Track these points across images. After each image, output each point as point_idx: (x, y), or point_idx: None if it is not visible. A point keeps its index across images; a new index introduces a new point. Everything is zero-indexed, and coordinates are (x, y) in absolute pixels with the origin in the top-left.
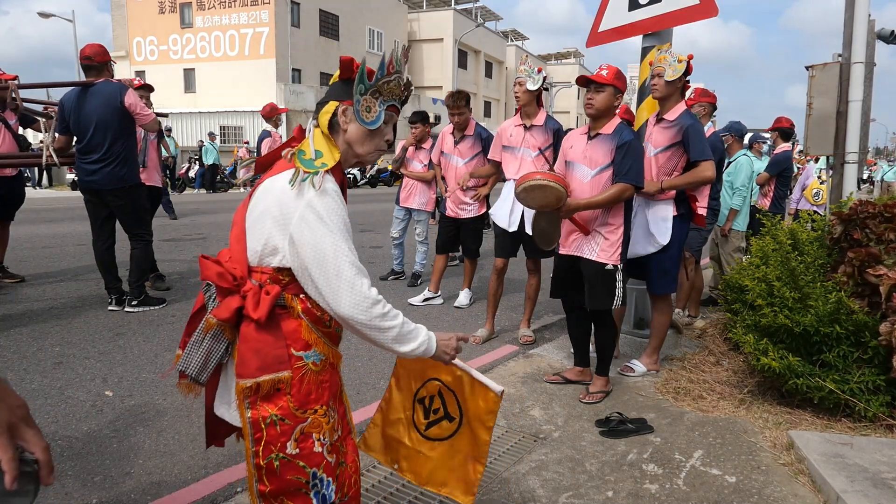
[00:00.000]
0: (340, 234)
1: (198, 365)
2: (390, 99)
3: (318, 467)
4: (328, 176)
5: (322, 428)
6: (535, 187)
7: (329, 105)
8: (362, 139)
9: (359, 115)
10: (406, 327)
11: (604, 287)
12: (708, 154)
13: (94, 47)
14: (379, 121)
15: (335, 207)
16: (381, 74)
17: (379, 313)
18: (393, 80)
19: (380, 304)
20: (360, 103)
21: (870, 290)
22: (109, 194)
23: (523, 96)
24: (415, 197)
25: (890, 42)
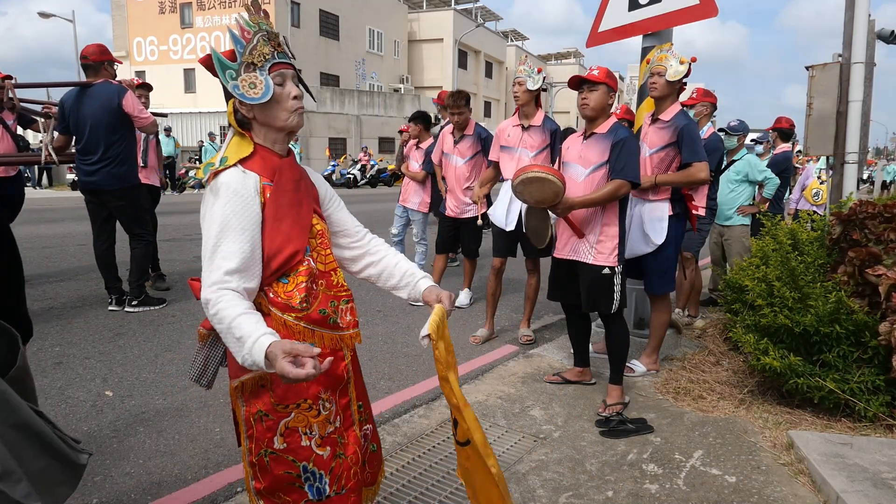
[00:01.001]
0: (216, 225)
1: (197, 370)
2: (266, 60)
3: (307, 461)
4: (232, 171)
5: (308, 422)
6: (534, 180)
7: (229, 104)
8: (269, 113)
9: (245, 97)
10: (234, 332)
11: (601, 291)
12: (701, 156)
13: (92, 47)
14: (269, 89)
15: (213, 205)
16: (241, 48)
17: (210, 313)
18: (255, 42)
19: (209, 305)
20: (239, 87)
21: (870, 289)
22: (109, 195)
23: (523, 96)
24: (410, 196)
25: (890, 42)
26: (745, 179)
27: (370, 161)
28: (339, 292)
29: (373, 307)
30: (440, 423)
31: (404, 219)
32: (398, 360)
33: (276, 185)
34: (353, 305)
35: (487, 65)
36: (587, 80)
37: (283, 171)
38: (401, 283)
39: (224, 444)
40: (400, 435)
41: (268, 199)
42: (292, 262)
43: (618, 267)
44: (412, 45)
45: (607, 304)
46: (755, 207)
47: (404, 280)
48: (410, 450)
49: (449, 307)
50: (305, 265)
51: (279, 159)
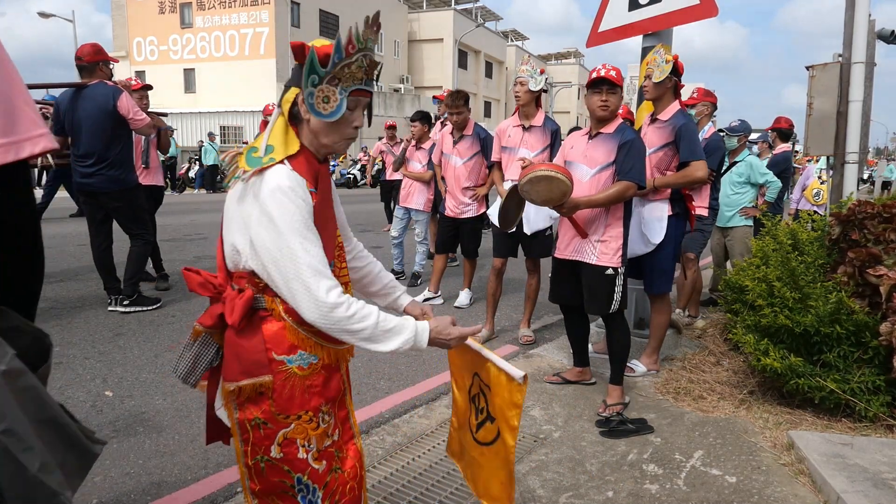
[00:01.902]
0: (293, 234)
1: (186, 368)
2: (353, 84)
3: (302, 473)
4: (282, 169)
5: (307, 434)
6: (542, 178)
7: (290, 92)
8: (325, 130)
9: (313, 108)
10: (382, 325)
11: (603, 291)
12: (699, 154)
13: (86, 47)
14: (340, 111)
15: (286, 205)
16: (337, 58)
17: (341, 317)
18: (354, 61)
19: (341, 307)
20: (315, 95)
21: (870, 290)
22: (105, 197)
23: (524, 96)
24: (413, 197)
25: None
26: (747, 181)
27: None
28: None
29: None
30: (440, 423)
31: (405, 221)
32: (398, 360)
33: (320, 193)
34: None
35: (487, 65)
36: (609, 82)
37: (322, 177)
38: (381, 292)
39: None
40: (400, 435)
41: (314, 207)
42: None
43: (620, 268)
44: (412, 45)
45: (609, 304)
46: (757, 210)
47: (386, 290)
48: (410, 450)
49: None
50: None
51: (319, 164)
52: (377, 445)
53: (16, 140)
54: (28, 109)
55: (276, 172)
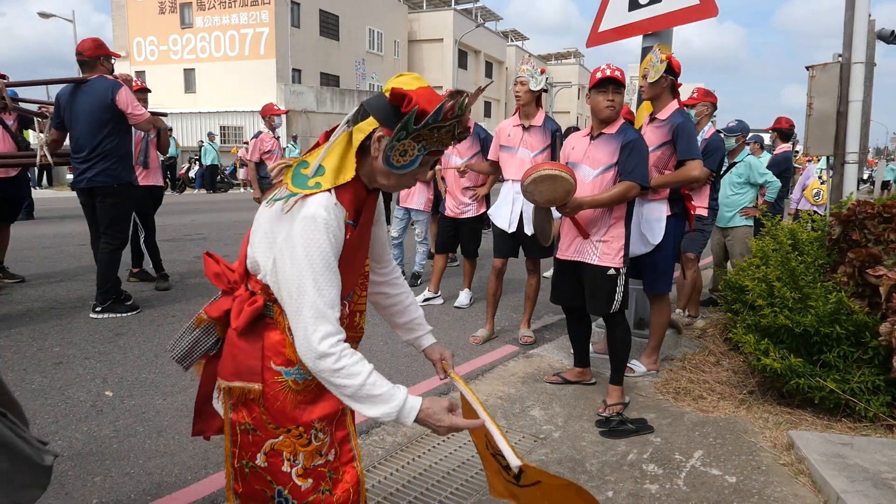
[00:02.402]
0: (311, 269)
1: (183, 350)
2: (434, 146)
3: (283, 487)
4: (324, 198)
5: (294, 449)
6: (546, 178)
7: (367, 122)
8: (388, 175)
9: (388, 160)
10: (368, 389)
11: (605, 291)
12: (695, 153)
13: (87, 42)
14: (413, 166)
15: (315, 238)
16: (432, 120)
17: (327, 368)
18: (446, 126)
19: (329, 358)
20: (395, 148)
21: (870, 290)
22: (98, 191)
23: (525, 96)
24: (413, 197)
25: (890, 42)
26: (747, 182)
27: None
28: (356, 334)
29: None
30: None
31: (405, 221)
32: (398, 361)
33: (359, 227)
34: (357, 346)
35: (487, 65)
36: (616, 81)
37: (366, 210)
38: (406, 326)
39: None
40: (400, 435)
41: (347, 242)
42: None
43: (622, 268)
44: (412, 45)
45: (610, 304)
46: (757, 210)
47: (411, 325)
48: (410, 450)
49: (451, 365)
50: (341, 310)
51: (367, 194)
52: (377, 445)
53: None
54: None
55: (317, 200)
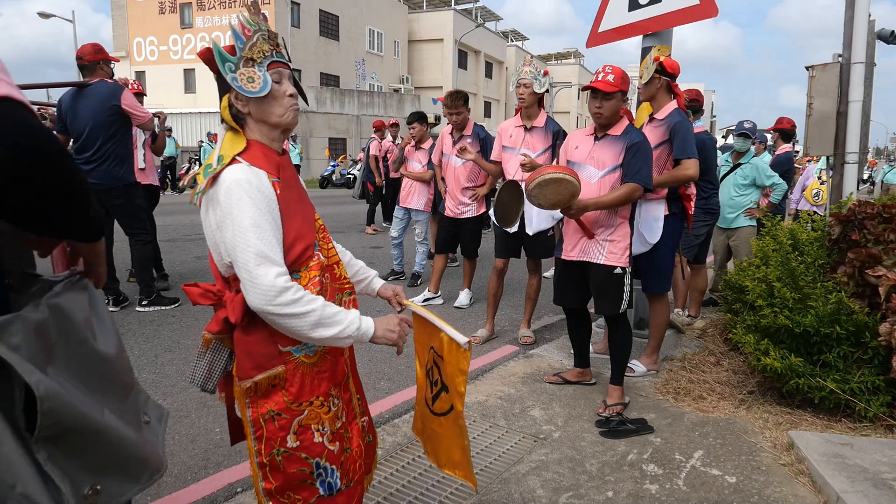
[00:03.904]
0: (248, 225)
1: (202, 375)
2: (265, 58)
3: (320, 457)
4: (236, 167)
5: (320, 418)
6: (551, 181)
7: (223, 100)
8: (266, 109)
9: (243, 89)
10: (328, 309)
11: (610, 291)
12: (691, 152)
13: (87, 47)
14: (267, 84)
15: (241, 197)
16: (241, 43)
17: (289, 300)
18: (255, 40)
19: (288, 291)
20: (238, 80)
21: (870, 290)
22: (105, 194)
23: (529, 98)
24: (413, 197)
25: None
26: (752, 183)
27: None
28: (343, 285)
29: (373, 307)
30: None
31: (405, 221)
32: (398, 360)
33: (284, 181)
34: (354, 297)
35: (487, 65)
36: (600, 91)
37: (284, 167)
38: (355, 278)
39: (224, 444)
40: (400, 435)
41: (279, 196)
42: (304, 257)
43: (628, 267)
44: (412, 45)
45: (615, 304)
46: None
47: (358, 276)
48: (410, 450)
49: (403, 297)
50: (316, 260)
51: (279, 157)
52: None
53: None
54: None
55: (229, 171)
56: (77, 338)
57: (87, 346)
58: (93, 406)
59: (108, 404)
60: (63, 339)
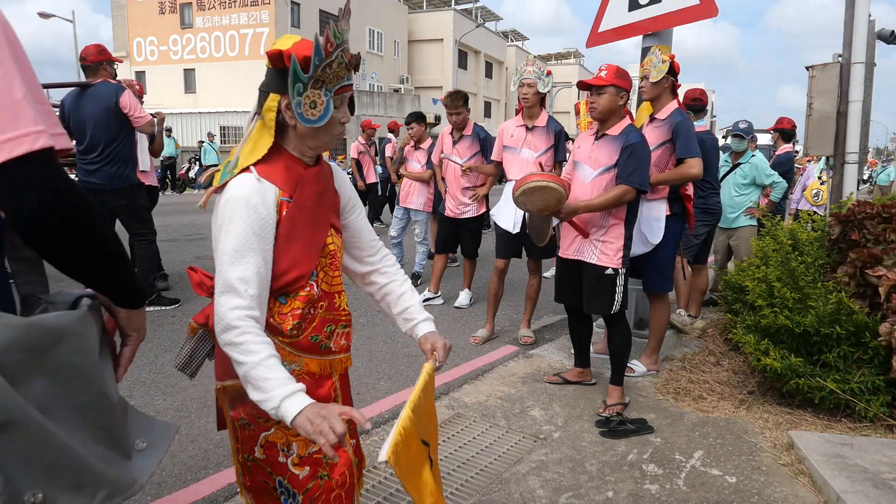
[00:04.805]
0: (227, 245)
1: (183, 360)
2: (337, 82)
3: (282, 477)
4: (245, 178)
5: (286, 440)
6: (535, 189)
7: (270, 99)
8: (315, 133)
9: (302, 117)
10: (258, 371)
11: (602, 292)
12: (695, 152)
13: (90, 48)
14: (328, 113)
15: (233, 216)
16: (318, 60)
17: (229, 341)
18: (335, 59)
19: (233, 331)
20: (302, 104)
21: (870, 290)
22: (108, 194)
23: (532, 97)
24: (413, 197)
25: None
26: (752, 183)
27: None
28: (339, 316)
29: (372, 307)
30: (440, 423)
31: (404, 220)
32: (398, 360)
33: (296, 201)
34: (349, 330)
35: (487, 65)
36: (592, 85)
37: (305, 184)
38: (401, 316)
39: (224, 445)
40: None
41: (283, 217)
42: (294, 286)
43: (621, 269)
44: (412, 45)
45: (608, 305)
46: (759, 209)
47: (406, 315)
48: None
49: (442, 358)
50: (307, 291)
51: (304, 169)
52: (377, 445)
53: (11, 137)
54: (27, 105)
55: (236, 182)
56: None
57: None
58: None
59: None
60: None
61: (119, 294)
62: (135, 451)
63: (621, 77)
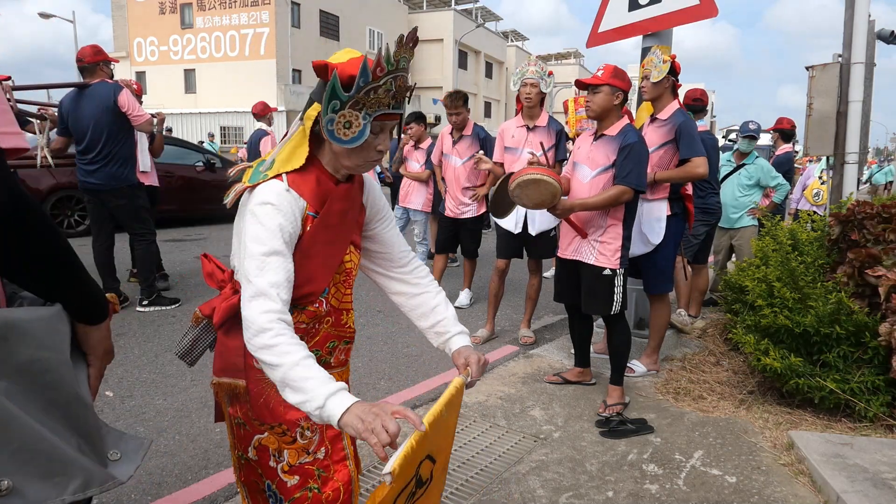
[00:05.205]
0: (257, 251)
1: (184, 347)
2: (378, 108)
3: (271, 481)
4: (275, 185)
5: (278, 446)
6: (530, 182)
7: (312, 108)
8: (346, 153)
9: (333, 135)
10: (297, 371)
11: (600, 292)
12: (699, 151)
13: (86, 49)
14: (362, 138)
15: (263, 223)
16: (363, 82)
17: (262, 344)
18: (381, 85)
19: (266, 333)
20: (335, 121)
21: (870, 290)
22: (108, 194)
23: (535, 97)
24: (412, 197)
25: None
26: (756, 184)
27: None
28: (344, 333)
29: (373, 307)
30: None
31: (403, 220)
32: (398, 361)
33: (321, 218)
34: (350, 347)
35: (487, 65)
36: (587, 84)
37: (333, 200)
38: (433, 329)
39: (224, 445)
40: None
41: (306, 233)
42: (303, 301)
43: (619, 269)
44: None
45: (607, 305)
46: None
47: (438, 328)
48: None
49: (476, 374)
50: (315, 307)
51: (334, 185)
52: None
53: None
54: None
55: (266, 187)
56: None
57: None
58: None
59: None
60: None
61: (70, 305)
62: (109, 460)
63: (617, 76)
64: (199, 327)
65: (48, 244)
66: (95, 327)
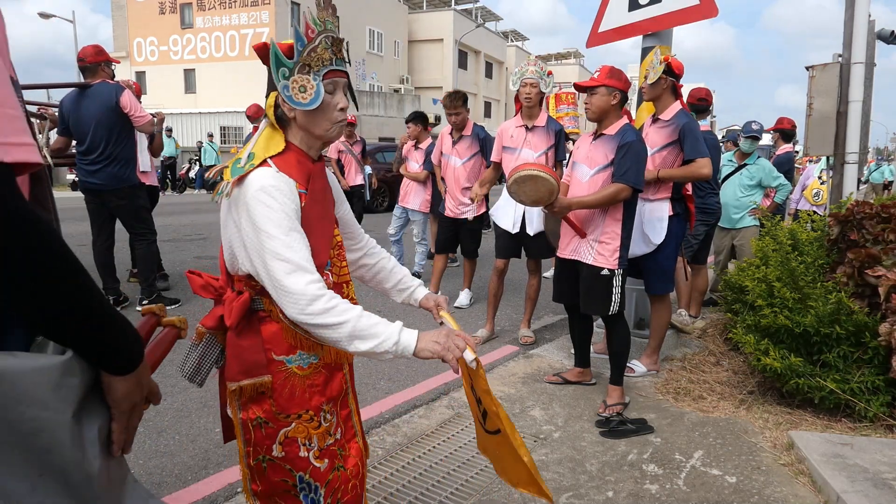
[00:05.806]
0: (277, 233)
1: (191, 368)
2: (323, 66)
3: (304, 472)
4: (266, 170)
5: (308, 433)
6: (527, 178)
7: (270, 97)
8: (312, 120)
9: (292, 99)
10: (364, 321)
11: (599, 292)
12: (703, 152)
13: (88, 49)
14: (319, 96)
15: (271, 204)
16: (300, 46)
17: (321, 308)
18: (318, 44)
19: (321, 299)
20: (290, 87)
21: (869, 290)
22: (109, 194)
23: (535, 97)
24: (411, 197)
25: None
26: (758, 184)
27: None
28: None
29: (373, 307)
30: (440, 423)
31: (403, 220)
32: (398, 360)
33: (310, 194)
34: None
35: (487, 65)
36: (585, 87)
37: (315, 178)
38: (397, 287)
39: (224, 444)
40: (400, 435)
41: (303, 209)
42: None
43: (618, 269)
44: (412, 46)
45: (605, 306)
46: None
47: (401, 285)
48: (410, 450)
49: (445, 308)
50: (325, 280)
51: (312, 164)
52: (377, 445)
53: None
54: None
55: (259, 174)
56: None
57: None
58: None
59: (33, 480)
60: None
61: (85, 353)
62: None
63: (613, 76)
64: (202, 343)
65: (56, 279)
66: (121, 378)
